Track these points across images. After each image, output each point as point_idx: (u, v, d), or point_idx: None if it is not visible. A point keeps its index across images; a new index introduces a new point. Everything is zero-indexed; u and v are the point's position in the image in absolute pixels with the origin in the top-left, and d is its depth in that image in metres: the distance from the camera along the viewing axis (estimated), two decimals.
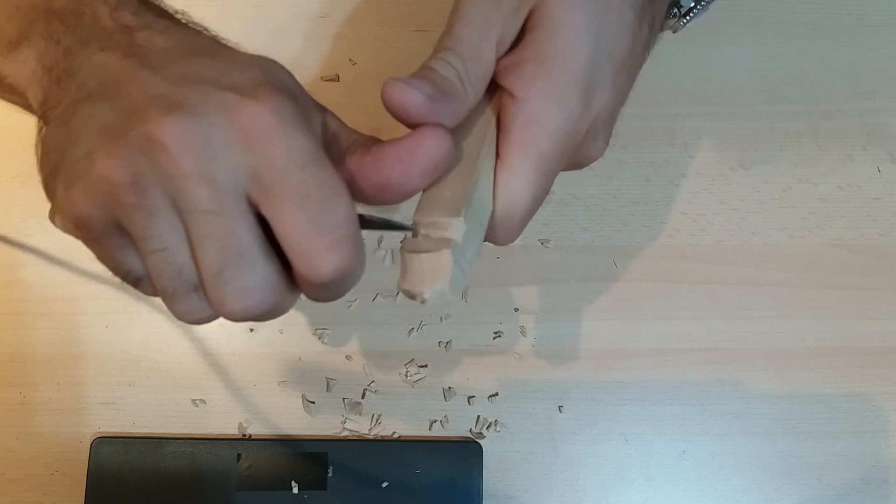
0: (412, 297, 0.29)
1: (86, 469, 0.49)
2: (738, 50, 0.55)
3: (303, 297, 0.47)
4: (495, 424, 0.50)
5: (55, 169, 0.29)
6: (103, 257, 0.30)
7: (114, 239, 0.29)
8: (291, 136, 0.27)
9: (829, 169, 0.53)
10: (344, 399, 0.51)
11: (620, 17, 0.33)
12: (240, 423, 0.51)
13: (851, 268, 0.52)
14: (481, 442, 0.50)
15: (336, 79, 0.54)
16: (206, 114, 0.27)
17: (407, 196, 0.30)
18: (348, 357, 0.51)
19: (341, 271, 0.28)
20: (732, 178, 0.53)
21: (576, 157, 0.34)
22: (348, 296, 0.51)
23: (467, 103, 0.32)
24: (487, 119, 0.33)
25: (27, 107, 0.33)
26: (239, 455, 0.49)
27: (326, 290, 0.29)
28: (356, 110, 0.34)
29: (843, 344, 0.51)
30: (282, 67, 0.30)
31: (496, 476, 0.50)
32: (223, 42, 0.32)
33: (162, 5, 0.34)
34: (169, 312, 0.53)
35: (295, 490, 0.49)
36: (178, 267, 0.28)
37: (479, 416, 0.51)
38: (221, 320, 0.53)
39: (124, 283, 0.32)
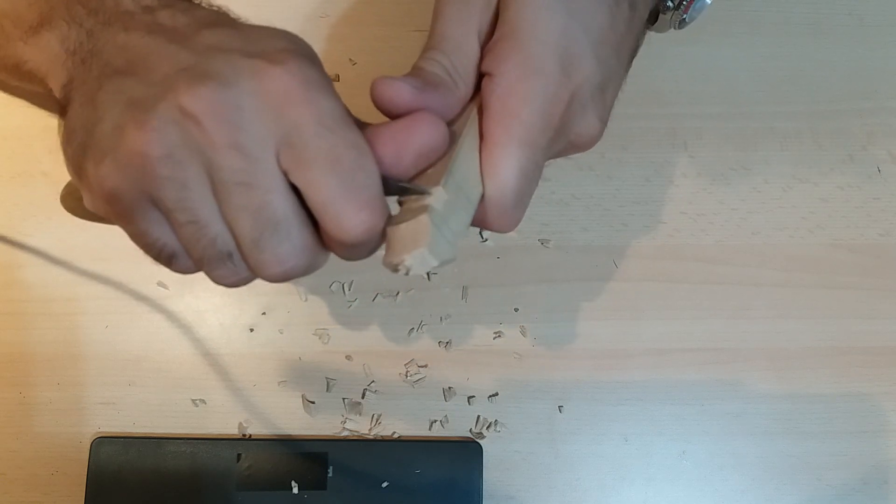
0: (395, 268, 0.29)
1: (86, 469, 0.49)
2: (738, 50, 0.55)
3: (302, 298, 0.47)
4: (495, 424, 0.50)
5: (83, 146, 0.28)
6: (135, 234, 0.30)
7: (146, 213, 0.29)
8: (320, 100, 0.28)
9: (829, 169, 0.53)
10: (344, 399, 0.51)
11: None
12: (240, 423, 0.51)
13: (851, 268, 0.52)
14: (481, 442, 0.50)
15: (336, 79, 0.54)
16: (235, 82, 0.27)
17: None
18: (348, 357, 0.51)
19: (371, 231, 0.28)
20: (732, 178, 0.53)
21: (566, 133, 0.33)
22: (348, 296, 0.51)
23: (459, 94, 0.32)
24: (473, 105, 0.33)
25: (44, 95, 0.33)
26: (239, 455, 0.49)
27: (356, 250, 0.30)
28: (356, 110, 0.34)
29: (843, 344, 0.51)
30: (303, 40, 0.30)
31: (496, 476, 0.50)
32: (245, 21, 0.32)
33: None
34: (169, 313, 0.54)
35: (295, 490, 0.49)
36: (211, 237, 0.29)
37: (479, 416, 0.51)
38: (221, 321, 0.54)
39: (157, 263, 0.31)
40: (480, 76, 0.33)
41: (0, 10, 0.33)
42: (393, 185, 0.30)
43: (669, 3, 0.40)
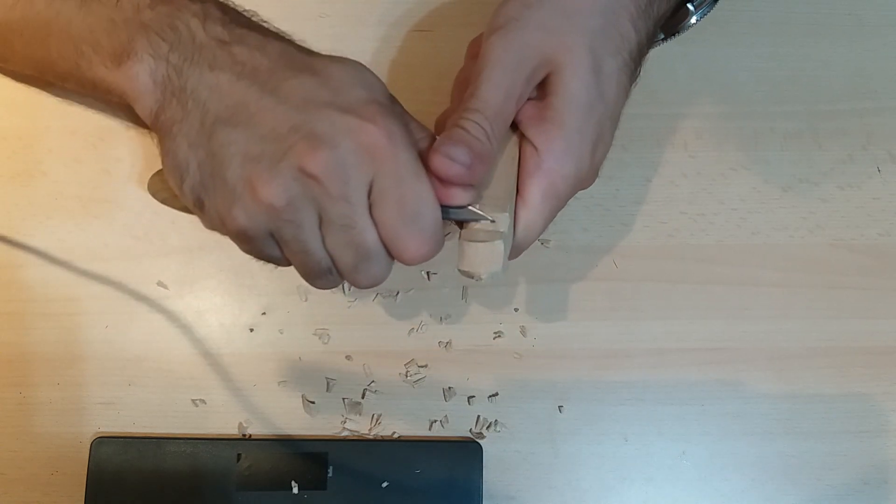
0: (470, 276, 0.36)
1: (86, 469, 0.49)
2: (738, 50, 0.55)
3: (302, 298, 0.48)
4: (495, 424, 0.50)
5: (203, 186, 0.35)
6: (249, 251, 0.37)
7: (264, 242, 0.36)
8: (399, 153, 0.34)
9: (829, 169, 0.53)
10: (344, 399, 0.51)
11: (619, 83, 0.39)
12: (240, 423, 0.51)
13: (851, 268, 0.52)
14: (481, 442, 0.50)
15: None
16: (340, 143, 0.33)
17: None
18: (348, 357, 0.51)
19: (423, 259, 0.36)
20: (732, 178, 0.53)
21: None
22: (348, 296, 0.51)
23: (493, 156, 0.37)
24: (512, 142, 0.40)
25: (118, 105, 0.38)
26: (239, 455, 0.49)
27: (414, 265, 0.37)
28: None
29: (843, 344, 0.51)
30: (368, 72, 0.36)
31: (496, 476, 0.50)
32: (299, 44, 0.37)
33: (237, 8, 0.38)
34: (169, 313, 0.54)
35: (295, 490, 0.49)
36: (317, 260, 0.36)
37: (479, 416, 0.51)
38: (221, 321, 0.54)
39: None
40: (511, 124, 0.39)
41: (77, 35, 0.36)
42: (459, 212, 0.36)
43: (660, 37, 0.47)
